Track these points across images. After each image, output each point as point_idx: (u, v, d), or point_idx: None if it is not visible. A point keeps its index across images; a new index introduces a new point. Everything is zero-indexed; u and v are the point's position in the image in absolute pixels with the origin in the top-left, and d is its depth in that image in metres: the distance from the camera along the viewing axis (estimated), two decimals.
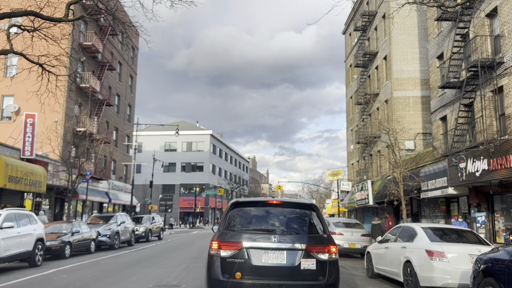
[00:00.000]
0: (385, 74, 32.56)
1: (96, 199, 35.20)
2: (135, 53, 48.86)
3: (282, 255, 6.46)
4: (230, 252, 6.49)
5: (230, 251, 6.49)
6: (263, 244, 6.49)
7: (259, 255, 6.46)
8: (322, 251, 6.50)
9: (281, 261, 6.45)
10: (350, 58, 43.47)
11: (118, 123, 42.97)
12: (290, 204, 7.23)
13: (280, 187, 53.86)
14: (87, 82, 33.15)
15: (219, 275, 6.43)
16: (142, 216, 29.69)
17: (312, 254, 6.46)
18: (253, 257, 6.45)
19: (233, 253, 6.47)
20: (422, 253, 9.19)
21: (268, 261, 6.44)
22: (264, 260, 6.45)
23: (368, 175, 35.35)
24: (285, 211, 7.10)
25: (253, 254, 6.46)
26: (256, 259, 6.44)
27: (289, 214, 7.08)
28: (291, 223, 6.95)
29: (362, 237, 18.18)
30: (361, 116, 37.39)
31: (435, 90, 23.74)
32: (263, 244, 6.49)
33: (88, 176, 26.82)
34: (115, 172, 42.59)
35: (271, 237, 6.55)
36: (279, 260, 6.45)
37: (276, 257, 6.46)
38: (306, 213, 7.10)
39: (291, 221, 6.98)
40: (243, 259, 6.44)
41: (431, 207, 23.80)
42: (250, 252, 6.47)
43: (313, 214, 7.07)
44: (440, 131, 22.89)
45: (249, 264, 6.41)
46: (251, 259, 6.43)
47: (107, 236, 20.81)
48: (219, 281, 6.42)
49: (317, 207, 7.22)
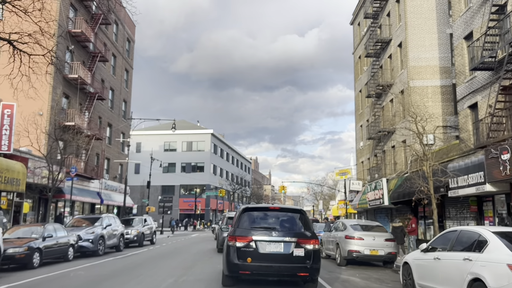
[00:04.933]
0: (400, 63, 29.84)
1: (86, 200, 32.49)
2: (131, 46, 46.22)
3: (280, 246, 8.87)
4: (243, 243, 8.86)
5: (243, 242, 8.86)
6: (266, 238, 8.90)
7: (263, 246, 8.86)
8: (308, 243, 8.94)
9: (280, 250, 8.87)
10: (359, 50, 40.75)
11: (112, 119, 40.30)
12: (286, 209, 9.91)
13: (284, 187, 51.19)
14: (76, 72, 30.52)
15: (235, 260, 8.81)
16: (133, 218, 26.97)
17: (301, 245, 8.88)
18: (260, 247, 8.85)
19: (245, 244, 8.85)
20: (503, 270, 6.47)
21: (270, 250, 8.86)
22: (267, 249, 8.85)
23: (381, 173, 32.59)
24: (282, 214, 9.63)
25: (260, 245, 8.86)
26: (261, 248, 8.85)
27: (285, 216, 9.59)
28: (286, 223, 9.42)
29: (386, 242, 15.42)
30: (372, 110, 34.66)
31: (462, 75, 21.01)
32: (267, 238, 8.90)
33: (72, 174, 24.05)
34: (108, 172, 39.92)
35: (272, 233, 8.99)
36: (278, 249, 8.87)
37: (276, 247, 8.87)
38: (297, 216, 9.57)
39: (286, 222, 9.45)
40: (252, 248, 8.83)
41: (458, 207, 21.03)
42: (257, 243, 8.86)
43: (302, 217, 9.55)
44: (469, 120, 20.15)
45: (256, 252, 8.82)
46: (258, 248, 8.84)
47: (89, 241, 18.11)
48: (235, 264, 8.81)
49: (305, 212, 9.81)
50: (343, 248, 15.63)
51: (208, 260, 16.48)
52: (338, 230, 17.39)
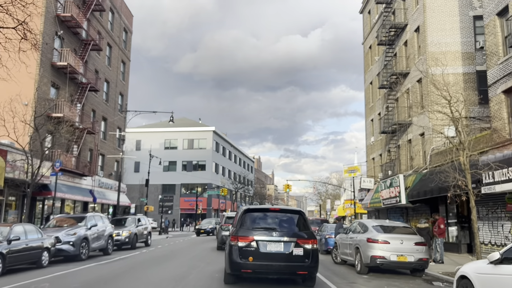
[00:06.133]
0: (417, 49, 27.41)
1: (77, 198, 30.14)
2: (128, 36, 43.87)
3: (280, 245, 9.43)
4: (245, 243, 9.38)
5: (245, 242, 9.39)
6: (267, 238, 9.44)
7: (264, 245, 9.40)
8: (307, 243, 9.48)
9: (280, 249, 9.43)
10: (369, 39, 38.29)
11: (107, 113, 37.95)
12: (285, 210, 10.55)
13: (288, 186, 48.74)
14: (65, 59, 28.19)
15: (238, 259, 9.34)
16: (126, 218, 24.58)
17: (300, 245, 9.43)
18: (261, 246, 9.38)
19: (247, 244, 9.39)
20: None
21: (271, 249, 9.40)
22: (268, 248, 9.40)
23: (395, 170, 30.16)
24: (281, 215, 10.24)
25: (261, 244, 9.39)
26: (262, 247, 9.39)
27: (285, 217, 10.19)
28: (286, 224, 10.02)
29: (416, 246, 12.97)
30: (385, 102, 32.22)
31: (494, 56, 18.56)
32: (267, 238, 9.44)
33: (57, 168, 21.66)
34: (103, 168, 37.57)
35: (273, 233, 9.53)
36: (279, 249, 9.42)
37: (276, 247, 9.42)
38: (296, 217, 10.19)
39: (286, 222, 10.05)
40: (254, 248, 9.36)
41: (489, 206, 18.61)
42: (259, 243, 9.39)
43: (301, 218, 10.17)
44: (503, 107, 17.70)
45: (258, 251, 9.35)
46: (260, 248, 9.38)
47: (69, 243, 15.74)
48: (237, 263, 9.34)
49: (303, 213, 10.37)
50: (365, 253, 13.23)
51: (206, 268, 14.11)
52: (357, 232, 14.99)
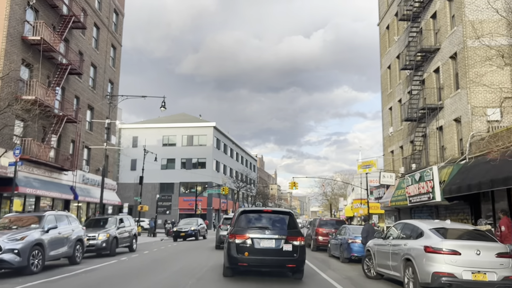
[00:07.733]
0: (450, 20, 23.35)
1: (53, 195, 26.14)
2: (119, 19, 39.89)
3: (272, 242, 10.85)
4: (241, 240, 10.86)
5: (241, 239, 10.86)
6: (260, 235, 10.91)
7: (258, 242, 10.84)
8: (295, 240, 10.93)
9: (271, 245, 10.84)
10: (386, 18, 34.23)
11: (94, 101, 33.97)
12: (277, 212, 11.98)
13: (295, 183, 44.76)
14: (39, 34, 24.22)
15: (235, 253, 10.81)
16: (107, 218, 20.50)
17: (289, 242, 10.86)
18: (255, 243, 10.84)
19: (243, 241, 10.85)
20: None
21: (264, 245, 10.83)
22: (261, 245, 10.84)
23: (422, 163, 26.08)
24: (274, 216, 11.65)
25: (255, 241, 10.85)
26: (257, 244, 10.84)
27: (276, 218, 11.61)
28: (277, 223, 11.42)
29: (499, 259, 8.90)
30: (408, 85, 28.15)
31: None
32: (261, 235, 10.91)
33: (16, 156, 17.58)
34: (89, 163, 33.60)
35: (266, 231, 10.99)
36: (270, 245, 10.84)
37: (268, 243, 10.85)
38: (286, 217, 11.62)
39: (277, 222, 11.45)
40: (249, 244, 10.83)
41: None
42: (253, 240, 10.86)
43: (290, 218, 11.58)
44: None
45: (252, 247, 10.82)
46: (254, 244, 10.84)
47: (13, 252, 11.69)
48: (235, 257, 10.82)
49: (293, 214, 11.88)
50: (422, 269, 9.19)
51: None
52: (402, 237, 10.94)
